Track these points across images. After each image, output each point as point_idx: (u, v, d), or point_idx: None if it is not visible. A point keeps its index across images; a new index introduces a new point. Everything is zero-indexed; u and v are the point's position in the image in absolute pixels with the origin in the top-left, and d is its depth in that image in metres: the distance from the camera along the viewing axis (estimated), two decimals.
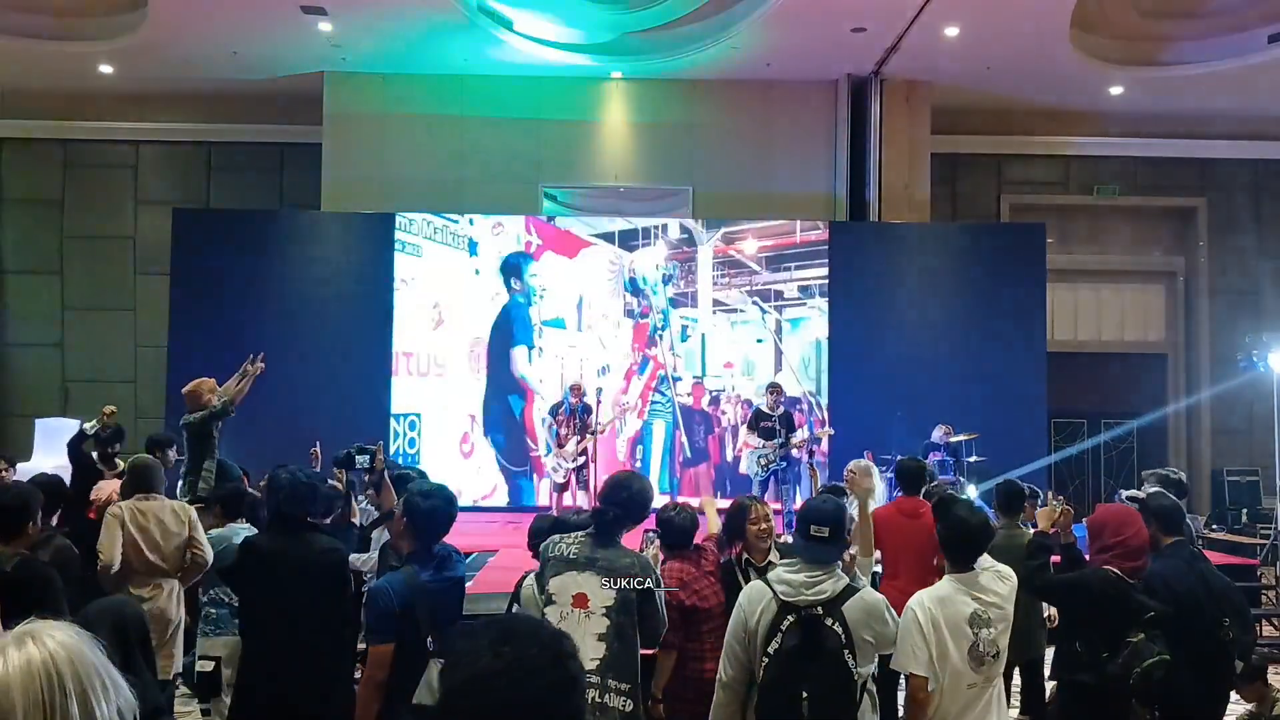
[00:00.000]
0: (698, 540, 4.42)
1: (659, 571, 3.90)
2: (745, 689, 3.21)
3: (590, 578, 3.43)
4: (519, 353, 12.16)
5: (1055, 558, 4.50)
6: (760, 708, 3.17)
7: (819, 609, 3.15)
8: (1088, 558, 4.41)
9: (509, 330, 12.21)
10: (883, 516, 5.40)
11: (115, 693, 1.24)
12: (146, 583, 4.98)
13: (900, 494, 5.98)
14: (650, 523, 4.42)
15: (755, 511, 4.24)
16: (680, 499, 5.83)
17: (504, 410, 12.14)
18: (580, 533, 3.63)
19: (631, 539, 4.14)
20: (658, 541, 4.15)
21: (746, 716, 3.26)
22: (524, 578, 4.07)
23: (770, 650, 3.14)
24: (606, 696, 3.32)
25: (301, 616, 3.96)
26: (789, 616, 3.15)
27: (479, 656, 1.31)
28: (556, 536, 3.67)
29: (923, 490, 5.78)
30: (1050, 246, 12.83)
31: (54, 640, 1.23)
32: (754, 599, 3.24)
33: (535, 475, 11.91)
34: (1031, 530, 5.47)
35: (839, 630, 3.13)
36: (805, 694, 3.06)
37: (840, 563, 3.35)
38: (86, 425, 7.89)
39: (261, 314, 11.94)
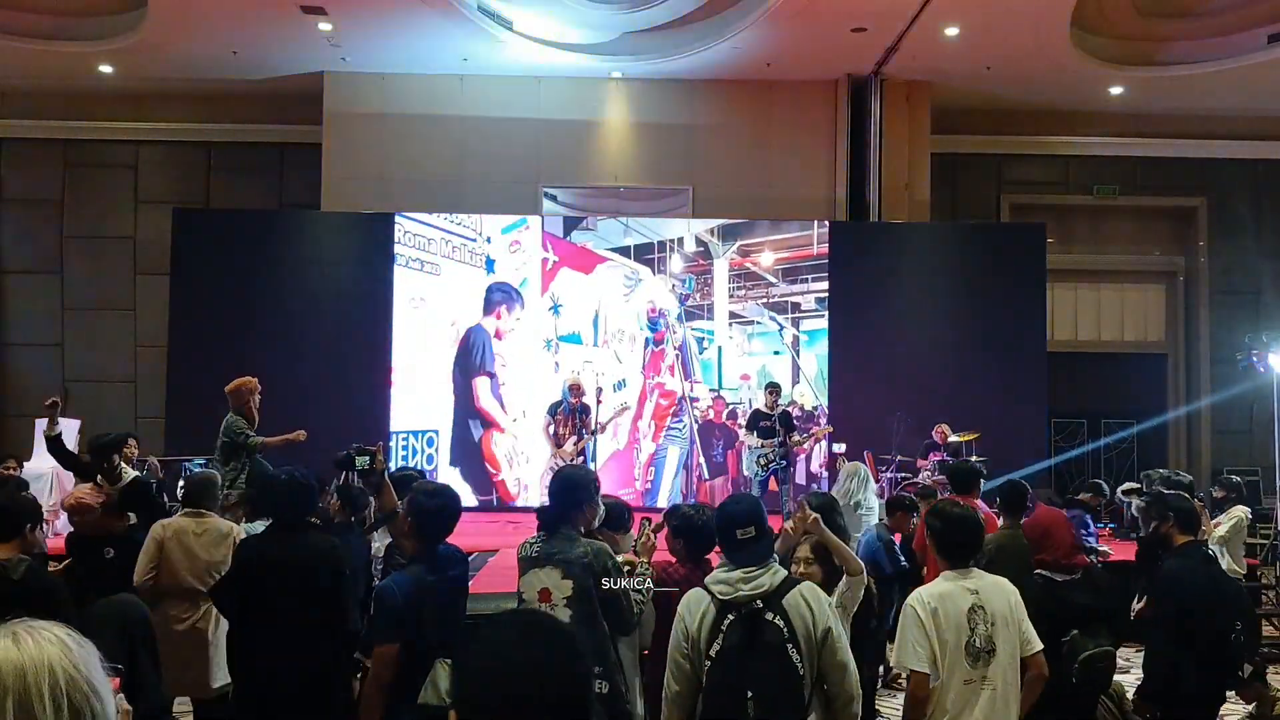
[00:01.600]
0: None
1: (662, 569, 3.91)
2: (693, 701, 3.10)
3: (550, 572, 3.57)
4: (480, 384, 12.07)
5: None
6: (705, 713, 3.06)
7: (758, 603, 3.06)
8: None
9: (468, 358, 12.10)
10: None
11: (97, 702, 1.22)
12: (183, 603, 4.95)
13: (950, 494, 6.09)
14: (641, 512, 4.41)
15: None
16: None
17: (466, 437, 12.11)
18: (541, 532, 3.75)
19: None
20: (649, 528, 4.04)
21: None
22: None
23: (712, 653, 3.05)
24: None
25: (300, 616, 3.96)
26: (729, 615, 3.06)
27: (503, 647, 1.36)
28: (528, 539, 3.76)
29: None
30: (1050, 246, 12.83)
31: (36, 643, 1.21)
32: (693, 605, 3.15)
33: (499, 499, 11.92)
34: None
35: (780, 623, 3.03)
36: (750, 693, 2.96)
37: (776, 556, 3.27)
38: (44, 429, 7.55)
39: (261, 314, 11.95)
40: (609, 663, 3.47)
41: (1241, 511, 7.35)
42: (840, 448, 10.90)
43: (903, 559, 5.78)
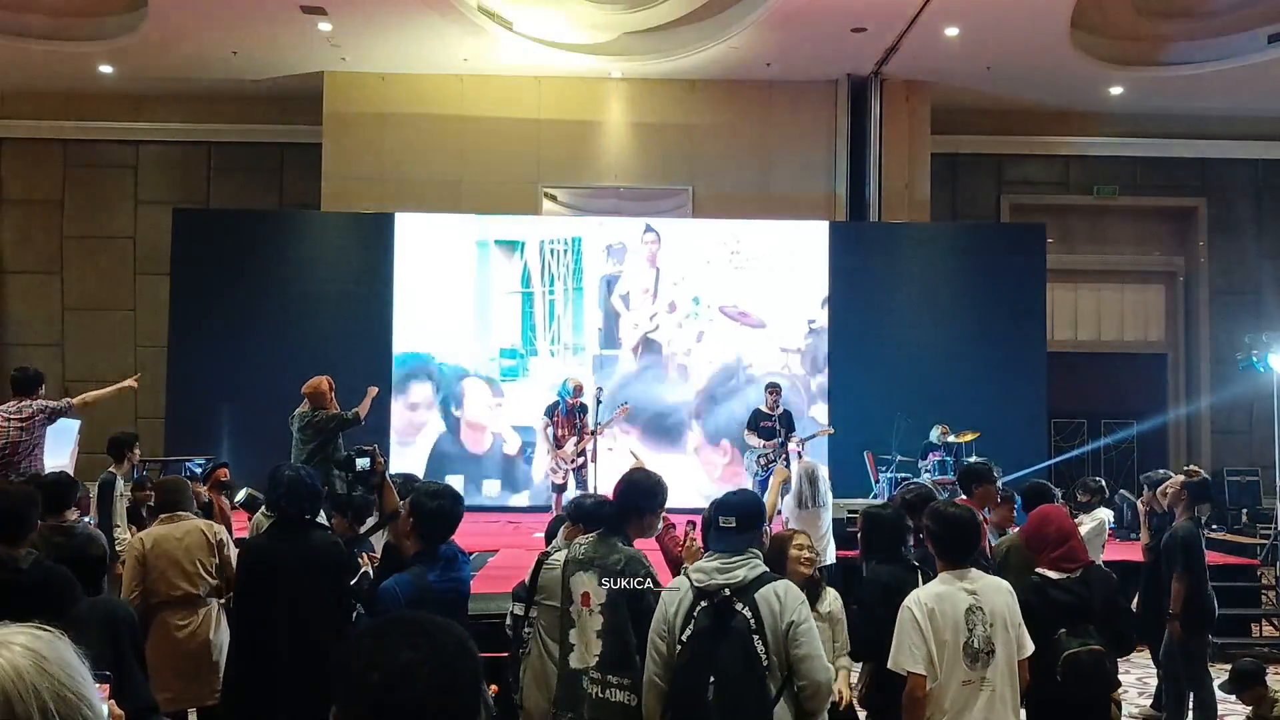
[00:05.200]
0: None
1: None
2: (667, 684, 3.20)
3: (591, 576, 3.52)
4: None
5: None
6: (671, 695, 3.16)
7: (727, 591, 3.15)
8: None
9: None
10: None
11: (87, 709, 1.15)
12: (179, 611, 4.81)
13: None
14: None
15: (797, 540, 4.19)
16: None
17: None
18: (593, 533, 3.69)
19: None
20: (693, 533, 4.02)
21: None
22: (543, 559, 4.05)
23: (683, 637, 3.16)
24: (608, 691, 3.39)
25: (303, 615, 3.95)
26: (701, 602, 3.16)
27: (398, 651, 1.33)
28: (580, 537, 3.70)
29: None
30: (1050, 246, 12.84)
31: (11, 651, 1.13)
32: (673, 590, 3.27)
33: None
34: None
35: (748, 614, 3.11)
36: (712, 678, 3.05)
37: (755, 551, 3.30)
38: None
39: (261, 314, 11.95)
40: (635, 673, 3.41)
41: (1105, 514, 7.43)
42: (794, 446, 10.82)
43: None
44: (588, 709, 3.40)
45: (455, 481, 11.77)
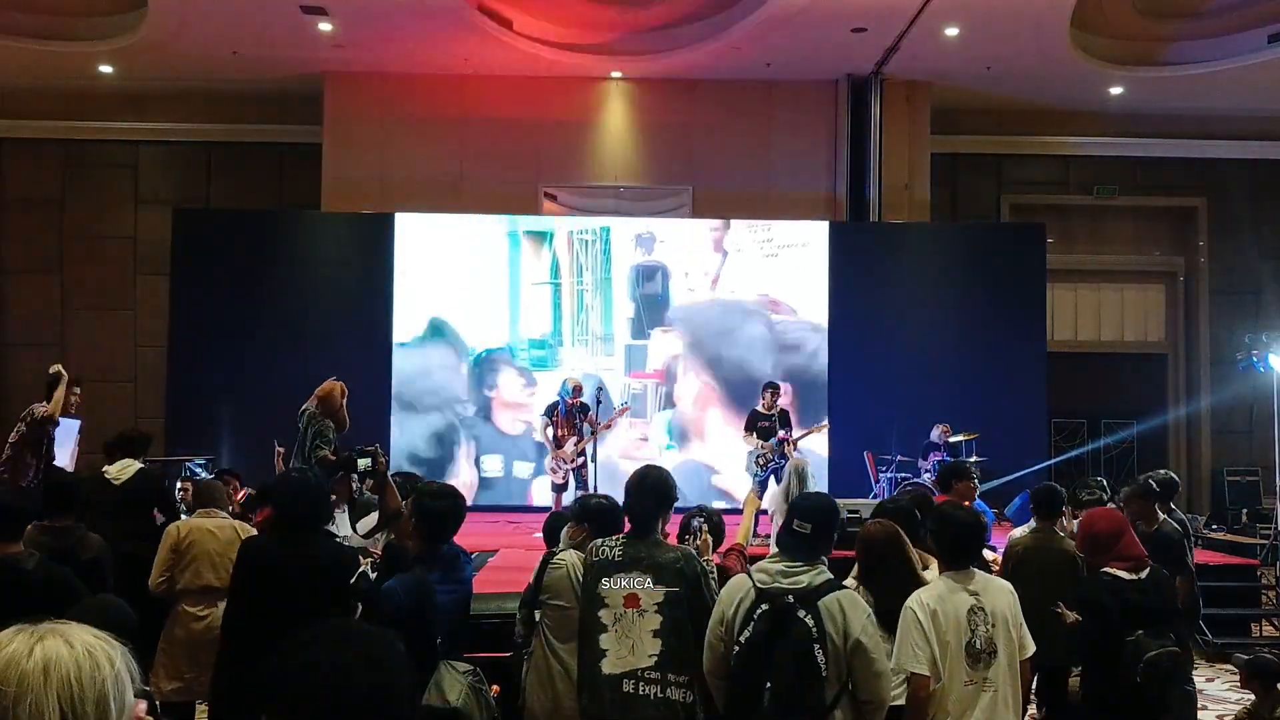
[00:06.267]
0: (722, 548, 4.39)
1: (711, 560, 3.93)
2: (724, 683, 3.23)
3: (638, 576, 3.46)
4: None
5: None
6: (727, 696, 3.16)
7: (790, 598, 3.11)
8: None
9: None
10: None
11: (124, 703, 1.21)
12: (200, 601, 4.95)
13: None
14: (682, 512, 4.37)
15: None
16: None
17: None
18: (621, 535, 3.65)
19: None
20: (706, 528, 4.08)
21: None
22: (548, 559, 4.05)
23: (742, 639, 3.13)
24: (668, 690, 3.36)
25: (298, 617, 3.93)
26: (762, 605, 3.13)
27: (334, 656, 1.37)
28: (599, 540, 3.66)
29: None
30: (1050, 246, 12.85)
31: (80, 642, 1.19)
32: (734, 589, 3.24)
33: None
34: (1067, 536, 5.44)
35: (810, 622, 3.07)
36: (769, 684, 3.03)
37: (825, 561, 3.27)
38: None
39: (261, 314, 11.95)
40: (693, 670, 3.39)
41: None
42: (782, 434, 10.79)
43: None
44: (637, 710, 3.34)
45: (493, 461, 11.88)
